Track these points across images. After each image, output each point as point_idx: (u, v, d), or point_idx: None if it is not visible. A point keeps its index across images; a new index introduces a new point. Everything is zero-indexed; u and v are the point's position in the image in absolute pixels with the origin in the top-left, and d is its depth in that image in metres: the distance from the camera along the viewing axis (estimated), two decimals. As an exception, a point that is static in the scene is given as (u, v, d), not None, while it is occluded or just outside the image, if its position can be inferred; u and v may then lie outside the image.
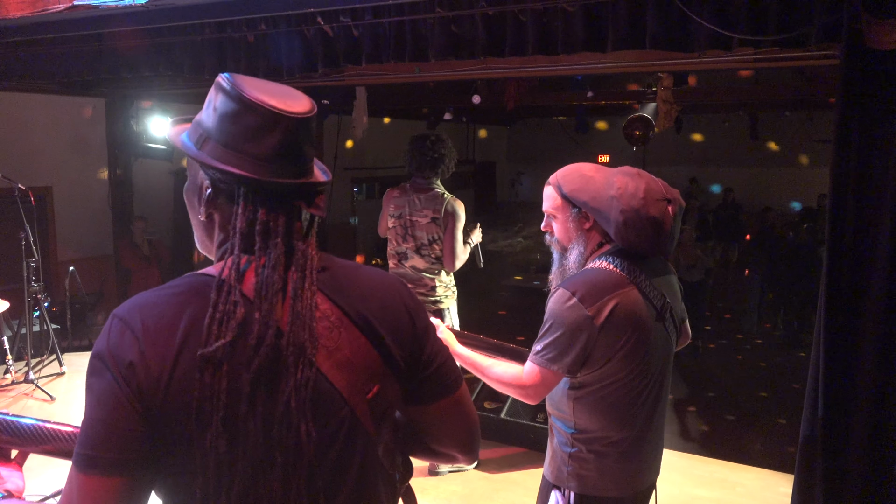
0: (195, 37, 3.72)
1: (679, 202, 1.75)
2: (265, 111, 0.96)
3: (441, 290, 3.57)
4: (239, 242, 0.96)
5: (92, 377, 0.92)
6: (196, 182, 1.04)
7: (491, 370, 1.83)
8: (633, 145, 7.82)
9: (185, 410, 0.90)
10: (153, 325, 0.91)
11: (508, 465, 3.76)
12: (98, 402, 0.90)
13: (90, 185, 6.98)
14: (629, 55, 3.61)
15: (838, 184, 2.42)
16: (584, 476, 1.74)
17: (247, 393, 0.91)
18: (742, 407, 6.13)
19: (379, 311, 1.04)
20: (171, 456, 0.91)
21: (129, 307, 0.95)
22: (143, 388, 0.89)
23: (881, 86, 2.33)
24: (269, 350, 0.93)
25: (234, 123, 0.97)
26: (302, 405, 0.93)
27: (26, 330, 4.85)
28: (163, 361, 0.90)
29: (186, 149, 1.02)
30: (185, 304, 0.94)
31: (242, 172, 0.96)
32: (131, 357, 0.89)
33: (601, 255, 1.76)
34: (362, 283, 1.06)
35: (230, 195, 0.99)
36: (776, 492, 3.48)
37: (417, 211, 3.50)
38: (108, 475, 0.88)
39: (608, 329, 1.64)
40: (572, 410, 1.74)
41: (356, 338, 1.00)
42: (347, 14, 3.25)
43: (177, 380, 0.90)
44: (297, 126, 0.99)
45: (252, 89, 0.98)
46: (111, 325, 0.94)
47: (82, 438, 0.90)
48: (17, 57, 4.50)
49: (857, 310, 2.44)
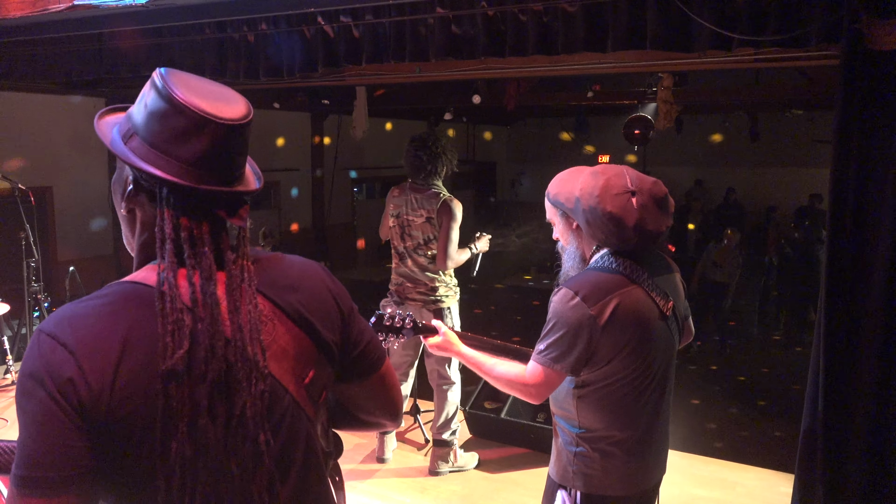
0: (195, 37, 3.72)
1: (651, 192, 1.70)
2: (193, 114, 0.94)
3: (442, 289, 3.55)
4: (170, 249, 0.94)
5: (24, 397, 0.88)
6: (121, 175, 1.03)
7: (494, 370, 1.83)
8: (634, 145, 7.82)
9: (134, 423, 0.89)
10: (87, 338, 0.89)
11: (509, 465, 3.76)
12: (34, 421, 0.87)
13: (90, 185, 6.98)
14: (629, 55, 3.61)
15: (838, 184, 2.42)
16: (590, 475, 1.74)
17: (205, 405, 0.91)
18: (743, 406, 6.13)
19: (307, 300, 1.06)
20: (119, 467, 0.90)
21: (57, 322, 0.91)
22: (83, 404, 0.87)
23: (881, 86, 2.34)
24: (220, 361, 0.93)
25: (162, 123, 0.95)
26: (258, 416, 0.95)
27: (26, 330, 4.85)
28: (102, 375, 0.88)
29: (111, 142, 1.00)
30: (117, 314, 0.92)
31: (164, 175, 0.94)
32: (69, 373, 0.87)
33: (602, 255, 1.76)
34: (289, 274, 1.08)
35: (151, 195, 0.98)
36: (776, 492, 3.48)
37: (413, 210, 3.50)
38: (50, 495, 0.86)
39: (611, 328, 1.64)
40: (576, 409, 1.74)
41: (290, 328, 1.03)
42: (348, 14, 3.25)
43: (118, 392, 0.88)
44: (227, 132, 0.96)
45: (184, 89, 0.95)
46: (39, 342, 0.90)
47: (20, 460, 0.87)
48: (17, 57, 4.50)
49: (857, 310, 2.44)
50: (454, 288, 3.63)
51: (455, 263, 3.49)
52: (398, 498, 3.42)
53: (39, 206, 6.23)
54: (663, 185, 1.75)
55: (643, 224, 1.68)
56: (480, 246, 3.64)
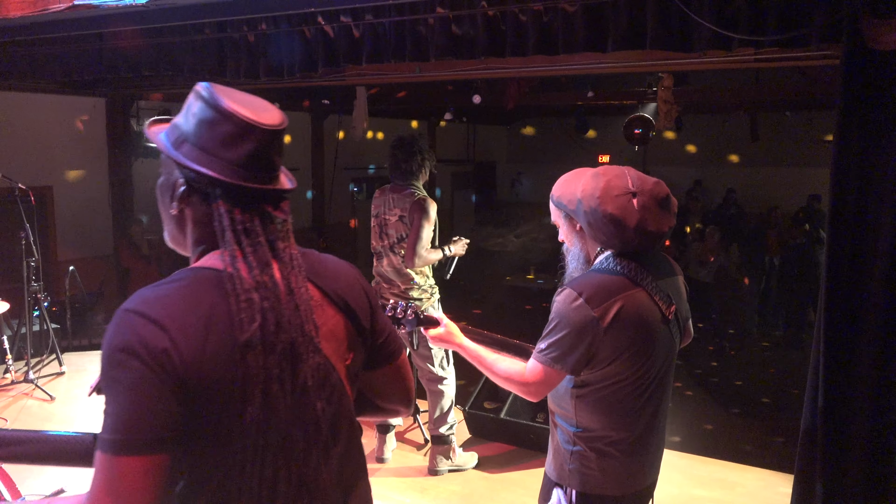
0: (195, 37, 3.72)
1: (653, 193, 1.70)
2: (240, 121, 1.06)
3: (415, 292, 3.52)
4: (231, 238, 1.06)
5: (118, 369, 0.97)
6: (170, 179, 1.13)
7: (494, 365, 1.83)
8: (634, 145, 7.82)
9: (219, 389, 1.00)
10: (176, 315, 1.00)
11: (508, 464, 3.76)
12: (131, 389, 0.96)
13: (90, 185, 6.98)
14: (629, 55, 3.61)
15: (838, 184, 2.42)
16: (586, 474, 1.74)
17: (276, 374, 1.04)
18: (742, 406, 6.13)
19: (348, 289, 1.21)
20: (201, 430, 1.00)
21: (142, 302, 1.02)
22: (177, 372, 0.97)
23: (881, 86, 2.34)
24: (286, 334, 1.06)
25: (211, 130, 1.07)
26: (316, 386, 1.09)
27: (26, 329, 4.85)
28: (192, 347, 0.99)
29: (165, 148, 1.11)
30: (197, 294, 1.04)
31: (217, 175, 1.06)
32: (163, 345, 0.97)
33: (607, 257, 1.76)
34: (330, 266, 1.22)
35: (203, 195, 1.09)
36: (776, 492, 3.48)
37: (389, 209, 3.51)
38: (145, 454, 0.95)
39: (614, 330, 1.64)
40: (575, 409, 1.74)
41: (335, 313, 1.17)
42: (348, 14, 3.25)
43: (206, 362, 0.99)
44: (269, 137, 1.09)
45: (229, 100, 1.07)
46: (128, 320, 0.99)
47: (115, 425, 0.96)
48: (17, 57, 4.50)
49: (857, 310, 2.44)
50: (430, 290, 3.60)
51: (424, 262, 3.46)
52: (398, 498, 3.42)
53: (39, 206, 6.22)
54: (665, 185, 1.75)
55: (644, 225, 1.68)
56: (455, 249, 3.62)
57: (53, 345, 5.04)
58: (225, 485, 1.03)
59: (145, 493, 0.96)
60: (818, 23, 2.42)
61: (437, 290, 3.64)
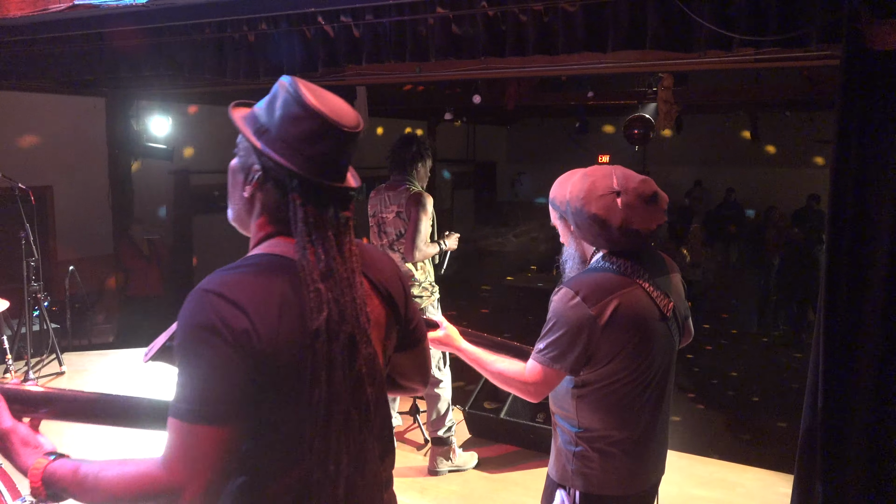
0: (195, 36, 3.72)
1: (637, 191, 1.69)
2: (324, 120, 1.13)
3: (416, 290, 3.52)
4: (303, 230, 1.13)
5: (200, 345, 1.04)
6: (245, 163, 1.19)
7: (493, 366, 1.83)
8: (633, 145, 7.82)
9: (290, 370, 1.08)
10: (254, 298, 1.07)
11: (508, 464, 3.76)
12: (211, 365, 1.04)
13: (90, 185, 6.98)
14: (629, 55, 3.61)
15: (838, 184, 2.42)
16: (589, 475, 1.74)
17: (339, 360, 1.12)
18: (742, 407, 6.13)
19: (389, 280, 1.30)
20: (273, 407, 1.08)
21: (221, 283, 1.08)
22: (255, 351, 1.05)
23: (881, 86, 2.33)
24: (348, 325, 1.13)
25: (294, 125, 1.13)
26: (368, 374, 1.17)
27: (26, 329, 4.85)
28: (271, 330, 1.06)
29: (249, 134, 1.17)
30: (271, 279, 1.11)
31: (296, 168, 1.13)
32: (244, 326, 1.04)
33: (603, 255, 1.76)
34: (374, 257, 1.31)
35: (278, 183, 1.15)
36: (776, 492, 3.48)
37: (386, 207, 3.53)
38: (219, 425, 1.03)
39: (611, 329, 1.64)
40: (575, 409, 1.74)
41: (379, 302, 1.26)
42: (348, 13, 3.25)
43: (280, 343, 1.07)
44: (347, 138, 1.17)
45: (314, 98, 1.13)
46: (208, 300, 1.06)
47: (191, 396, 1.04)
48: (17, 57, 4.50)
49: (857, 310, 2.44)
50: (430, 288, 3.61)
51: (423, 255, 3.48)
52: (398, 498, 3.41)
53: (39, 205, 6.22)
54: (653, 182, 1.74)
55: (629, 224, 1.69)
56: (449, 243, 3.65)
57: (53, 345, 5.03)
58: (284, 453, 1.11)
59: (215, 461, 1.03)
60: (818, 23, 2.42)
61: (437, 289, 3.65)
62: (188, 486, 1.02)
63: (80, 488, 1.08)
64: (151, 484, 1.03)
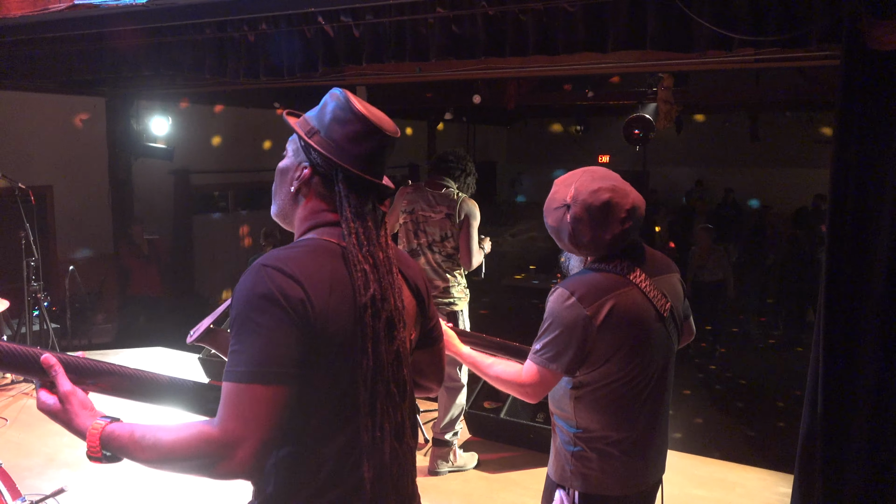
0: (195, 36, 3.72)
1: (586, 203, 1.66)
2: (368, 124, 1.27)
3: (456, 291, 3.53)
4: (349, 218, 1.24)
5: (259, 314, 1.12)
6: (294, 162, 1.33)
7: (491, 368, 1.83)
8: (633, 145, 7.82)
9: (341, 340, 1.17)
10: (307, 272, 1.17)
11: (508, 465, 3.75)
12: (270, 330, 1.11)
13: (90, 185, 6.98)
14: (629, 55, 3.62)
15: (838, 184, 2.42)
16: (588, 475, 1.74)
17: (382, 335, 1.21)
18: (742, 406, 6.13)
19: (416, 276, 1.41)
20: (323, 373, 1.17)
21: (278, 258, 1.18)
22: (309, 319, 1.14)
23: (881, 86, 2.33)
24: (389, 303, 1.23)
25: (342, 127, 1.27)
26: (405, 354, 1.27)
27: (26, 329, 4.85)
28: (321, 301, 1.16)
29: (301, 133, 1.30)
30: (321, 259, 1.22)
31: (342, 163, 1.26)
32: (301, 296, 1.13)
33: (601, 257, 1.76)
34: (401, 255, 1.41)
35: (326, 178, 1.29)
36: (776, 492, 3.48)
37: (431, 206, 3.47)
38: (273, 384, 1.10)
39: (607, 329, 1.64)
40: (574, 409, 1.74)
41: (410, 295, 1.37)
42: (348, 13, 3.25)
43: (331, 314, 1.16)
44: (387, 141, 1.30)
45: (360, 105, 1.28)
46: (268, 273, 1.15)
47: (248, 359, 1.10)
48: (17, 57, 4.50)
49: (857, 309, 2.44)
50: (465, 290, 3.62)
51: (478, 262, 3.52)
52: (398, 498, 3.41)
53: (39, 205, 6.22)
54: (606, 192, 1.67)
55: (578, 237, 1.69)
56: (486, 247, 3.66)
57: (53, 344, 5.04)
58: (333, 415, 1.19)
59: (270, 419, 1.09)
60: (818, 23, 2.42)
61: (468, 291, 3.66)
62: (242, 444, 1.07)
63: (138, 446, 1.13)
64: (207, 442, 1.08)
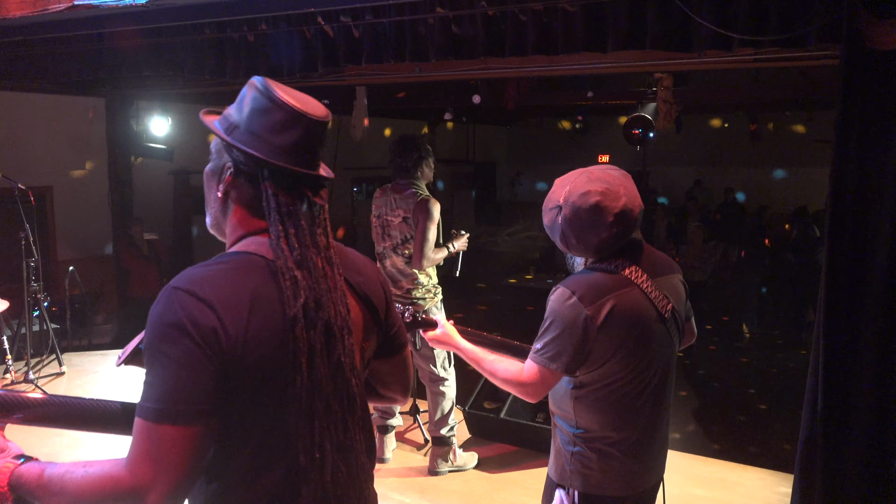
0: (195, 37, 3.72)
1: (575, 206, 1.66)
2: (290, 110, 1.15)
3: (418, 292, 3.51)
4: (276, 219, 1.13)
5: (167, 343, 1.03)
6: (219, 163, 1.21)
7: (492, 366, 1.83)
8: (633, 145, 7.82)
9: (267, 363, 1.08)
10: (222, 295, 1.06)
11: (508, 464, 3.75)
12: (178, 364, 1.02)
13: (90, 185, 6.98)
14: (629, 55, 3.61)
15: (838, 184, 2.42)
16: (588, 475, 1.74)
17: (318, 347, 1.12)
18: (742, 407, 6.13)
19: (368, 284, 1.29)
20: (247, 404, 1.08)
21: (191, 281, 1.08)
22: (223, 349, 1.04)
23: (881, 86, 2.33)
24: (325, 312, 1.14)
25: (263, 117, 1.15)
26: (350, 364, 1.17)
27: (26, 330, 4.85)
28: (238, 326, 1.06)
29: (219, 131, 1.19)
30: (242, 276, 1.11)
31: (265, 157, 1.14)
32: (212, 324, 1.04)
33: (602, 257, 1.76)
34: (354, 260, 1.31)
35: (250, 177, 1.16)
36: (776, 492, 3.48)
37: (392, 210, 3.49)
38: (186, 425, 1.01)
39: (607, 329, 1.64)
40: (574, 410, 1.74)
41: (356, 303, 1.25)
42: (348, 14, 3.25)
43: (250, 339, 1.06)
44: (315, 127, 1.17)
45: (282, 92, 1.16)
46: (177, 297, 1.05)
47: (159, 395, 1.02)
48: (17, 57, 4.50)
49: (857, 309, 2.44)
50: (434, 289, 3.59)
51: (431, 263, 3.46)
52: (398, 498, 3.42)
53: (39, 206, 6.23)
54: (595, 195, 1.66)
55: (567, 238, 1.71)
56: (458, 245, 3.62)
57: (53, 345, 5.03)
58: (262, 449, 1.10)
59: (183, 461, 1.02)
60: (818, 23, 2.42)
61: (440, 291, 3.64)
62: (153, 489, 1.00)
63: (45, 491, 1.06)
64: (115, 485, 1.01)
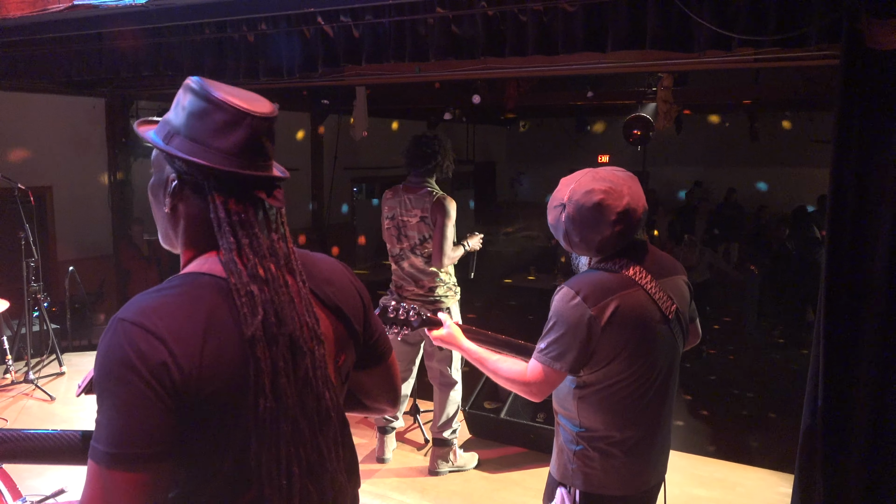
0: (195, 37, 3.72)
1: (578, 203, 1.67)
2: (232, 109, 1.05)
3: (441, 290, 3.53)
4: (227, 230, 1.04)
5: (114, 382, 0.95)
6: (162, 176, 1.11)
7: (496, 366, 1.84)
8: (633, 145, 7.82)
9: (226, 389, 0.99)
10: (173, 326, 0.97)
11: (508, 465, 3.76)
12: (127, 404, 0.94)
13: (90, 185, 6.98)
14: (629, 55, 3.61)
15: (838, 184, 2.42)
16: (589, 474, 1.74)
17: (282, 366, 1.03)
18: (742, 407, 6.13)
19: (339, 292, 1.19)
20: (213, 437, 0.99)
21: (139, 311, 0.99)
22: (176, 385, 0.95)
23: (881, 86, 2.33)
24: (288, 326, 1.05)
25: (202, 120, 1.05)
26: (322, 376, 1.08)
27: (26, 330, 4.85)
28: (191, 358, 0.97)
29: (155, 142, 1.09)
30: (194, 302, 1.01)
31: (209, 164, 1.04)
32: (161, 359, 0.95)
33: (606, 256, 1.76)
34: (322, 268, 1.21)
35: (196, 187, 1.06)
36: (776, 492, 3.48)
37: (408, 211, 3.48)
38: (139, 470, 0.94)
39: (611, 329, 1.64)
40: (577, 409, 1.74)
41: (326, 315, 1.16)
42: (347, 14, 3.25)
43: (205, 370, 0.97)
44: (261, 124, 1.07)
45: (220, 91, 1.06)
46: (125, 331, 0.97)
47: (109, 438, 0.94)
48: (17, 57, 4.50)
49: (857, 309, 2.44)
50: (454, 288, 3.62)
51: (451, 260, 3.49)
52: (398, 498, 3.42)
53: (39, 206, 6.23)
54: (599, 193, 1.67)
55: (570, 236, 1.72)
56: (472, 244, 3.64)
57: (53, 345, 5.04)
58: (231, 480, 1.02)
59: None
60: (817, 23, 2.42)
61: (458, 289, 3.66)
62: None
63: None
64: None
